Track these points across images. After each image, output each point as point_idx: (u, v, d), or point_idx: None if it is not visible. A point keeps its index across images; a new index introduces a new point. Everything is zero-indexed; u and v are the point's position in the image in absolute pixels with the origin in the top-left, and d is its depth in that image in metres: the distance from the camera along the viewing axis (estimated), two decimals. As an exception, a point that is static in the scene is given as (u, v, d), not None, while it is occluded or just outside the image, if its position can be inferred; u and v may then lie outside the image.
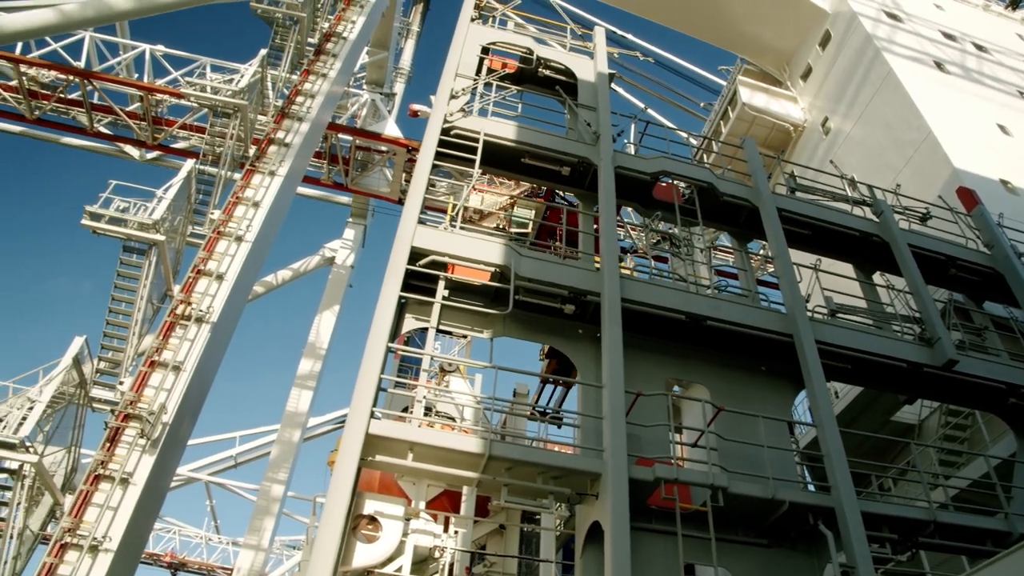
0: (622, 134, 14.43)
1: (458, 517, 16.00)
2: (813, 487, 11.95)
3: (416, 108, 29.58)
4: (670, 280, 12.67)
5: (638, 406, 10.11)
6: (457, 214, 11.97)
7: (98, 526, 11.61)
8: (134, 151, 28.20)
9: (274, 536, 26.43)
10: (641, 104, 33.35)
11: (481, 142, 12.64)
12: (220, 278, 15.18)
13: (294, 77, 21.15)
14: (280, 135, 18.51)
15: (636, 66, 33.18)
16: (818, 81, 27.23)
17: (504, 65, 15.24)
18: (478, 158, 12.43)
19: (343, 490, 8.37)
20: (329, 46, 22.16)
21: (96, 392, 16.30)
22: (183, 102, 23.36)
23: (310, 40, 22.78)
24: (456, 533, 15.45)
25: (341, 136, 26.68)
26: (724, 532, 9.56)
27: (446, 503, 17.06)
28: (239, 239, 15.91)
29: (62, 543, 11.39)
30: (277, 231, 17.85)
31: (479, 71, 14.70)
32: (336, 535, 8.09)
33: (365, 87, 31.31)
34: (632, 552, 8.49)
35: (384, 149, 27.27)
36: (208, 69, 23.49)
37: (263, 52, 20.96)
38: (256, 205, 16.67)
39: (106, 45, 25.16)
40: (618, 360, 10.24)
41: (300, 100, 19.79)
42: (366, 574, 10.80)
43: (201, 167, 18.67)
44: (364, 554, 10.59)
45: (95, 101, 24.64)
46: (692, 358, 11.78)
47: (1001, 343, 14.21)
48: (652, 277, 12.43)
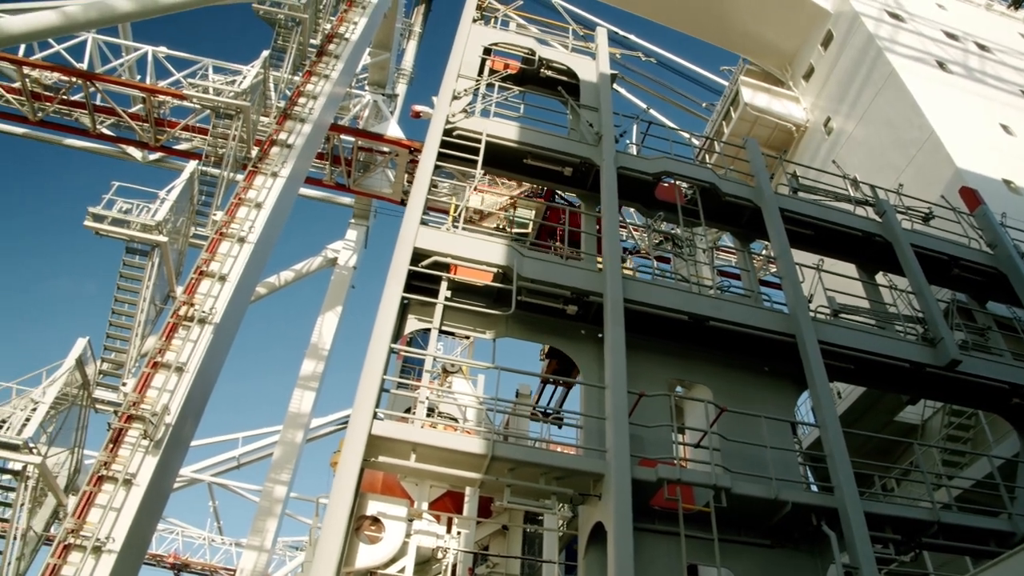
0: (624, 135, 14.41)
1: (461, 518, 16.01)
2: (816, 488, 11.92)
3: (418, 109, 29.64)
4: (672, 280, 12.66)
5: (641, 407, 10.11)
6: (459, 215, 11.97)
7: (101, 527, 11.64)
8: (136, 152, 28.25)
9: (277, 537, 26.43)
10: (643, 104, 33.41)
11: (483, 143, 12.63)
12: (223, 279, 15.22)
13: (296, 78, 21.20)
14: (282, 136, 18.55)
15: (638, 66, 33.21)
16: (820, 81, 27.21)
17: (506, 66, 15.24)
18: (480, 159, 12.42)
19: (346, 491, 8.38)
20: (331, 47, 22.20)
21: (99, 393, 16.33)
22: (185, 103, 23.42)
23: (312, 41, 22.83)
24: (459, 534, 15.47)
25: (343, 137, 26.71)
26: (727, 533, 9.55)
27: (449, 504, 17.07)
28: (242, 240, 15.94)
29: (65, 544, 11.43)
30: (279, 232, 17.88)
31: (481, 72, 14.70)
32: (339, 536, 8.10)
33: (367, 88, 31.35)
34: (635, 553, 8.48)
35: (386, 150, 27.30)
36: (210, 70, 23.54)
37: (265, 53, 21.00)
38: (258, 206, 16.71)
39: (109, 47, 25.20)
40: (621, 361, 10.24)
41: (302, 101, 19.83)
42: (369, 575, 10.80)
43: (203, 168, 18.70)
44: (367, 555, 10.58)
45: (98, 103, 24.72)
46: (695, 358, 11.77)
47: (1004, 343, 14.18)
48: (654, 277, 12.42)
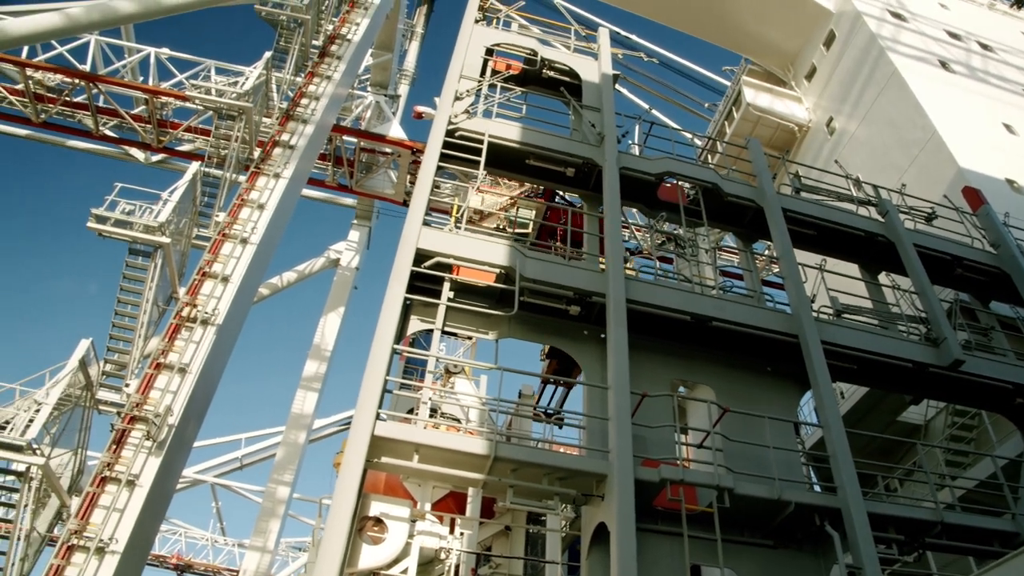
0: (626, 135, 14.41)
1: (464, 518, 16.02)
2: (819, 488, 11.92)
3: (420, 110, 29.67)
4: (675, 281, 12.65)
5: (643, 407, 10.10)
6: (462, 216, 11.97)
7: (104, 528, 11.65)
8: (139, 154, 28.29)
9: (280, 538, 26.46)
10: (645, 105, 33.44)
11: (486, 144, 12.63)
12: (225, 280, 15.23)
13: (298, 79, 21.22)
14: (285, 137, 18.56)
15: (640, 67, 33.24)
16: (822, 81, 27.18)
17: (508, 66, 15.24)
18: (483, 159, 12.42)
19: (349, 492, 8.38)
20: (333, 48, 22.22)
21: (102, 394, 16.33)
22: (188, 105, 23.43)
23: (314, 42, 22.85)
24: (462, 534, 15.47)
25: (345, 138, 26.71)
26: (730, 533, 9.55)
27: (452, 504, 17.08)
28: (244, 241, 15.96)
29: (69, 545, 11.43)
30: (282, 233, 17.89)
31: (483, 72, 14.70)
32: (342, 537, 8.11)
33: (369, 89, 31.37)
34: (638, 553, 8.47)
35: (388, 151, 27.31)
36: (213, 72, 23.58)
37: (267, 55, 21.01)
38: (261, 207, 16.72)
39: (111, 48, 25.26)
40: (623, 361, 10.23)
41: (304, 102, 19.85)
42: (372, 576, 10.81)
43: (206, 169, 18.71)
44: (370, 556, 10.57)
45: (100, 104, 24.75)
46: (697, 359, 11.77)
47: (1007, 343, 14.17)
48: (657, 278, 12.42)
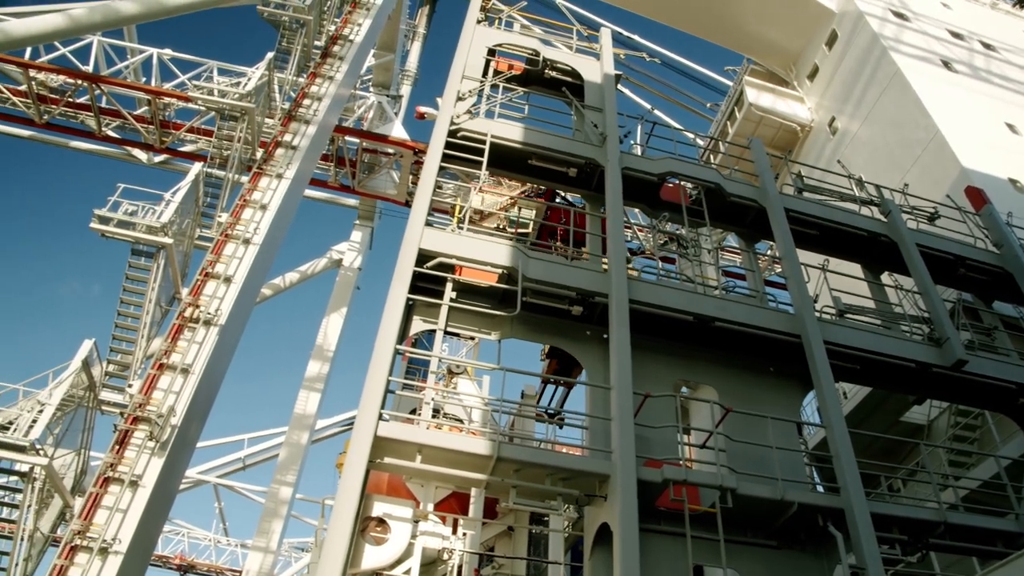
0: (629, 135, 14.42)
1: (467, 519, 16.01)
2: (822, 488, 11.90)
3: (423, 110, 29.67)
4: (677, 281, 12.65)
5: (646, 407, 10.10)
6: (464, 216, 11.97)
7: (108, 528, 11.67)
8: (142, 154, 28.32)
9: (282, 538, 26.48)
10: (647, 105, 33.43)
11: (488, 144, 12.63)
12: (228, 281, 15.25)
13: (301, 80, 21.22)
14: (287, 138, 18.57)
15: (642, 67, 33.26)
16: (825, 81, 27.15)
17: (510, 67, 15.25)
18: (485, 160, 12.42)
19: (352, 492, 8.38)
20: (335, 49, 22.23)
21: (105, 395, 16.32)
22: (190, 105, 23.49)
23: (316, 43, 22.84)
24: (465, 535, 15.45)
25: (348, 138, 26.73)
26: (733, 533, 9.53)
27: (454, 505, 17.07)
28: (247, 242, 15.97)
29: (72, 545, 11.44)
30: (284, 234, 17.90)
31: (485, 73, 14.71)
32: (345, 537, 8.11)
33: (372, 89, 31.38)
34: (641, 554, 8.47)
35: (391, 151, 27.33)
36: (215, 72, 23.64)
37: (270, 55, 21.02)
38: (263, 208, 16.73)
39: (114, 49, 25.32)
40: (626, 361, 10.23)
41: (307, 103, 19.86)
42: (375, 576, 10.81)
43: (209, 170, 18.71)
44: (373, 556, 10.58)
45: (103, 105, 24.79)
46: (700, 359, 11.76)
47: (1011, 343, 14.14)
48: (660, 278, 12.41)
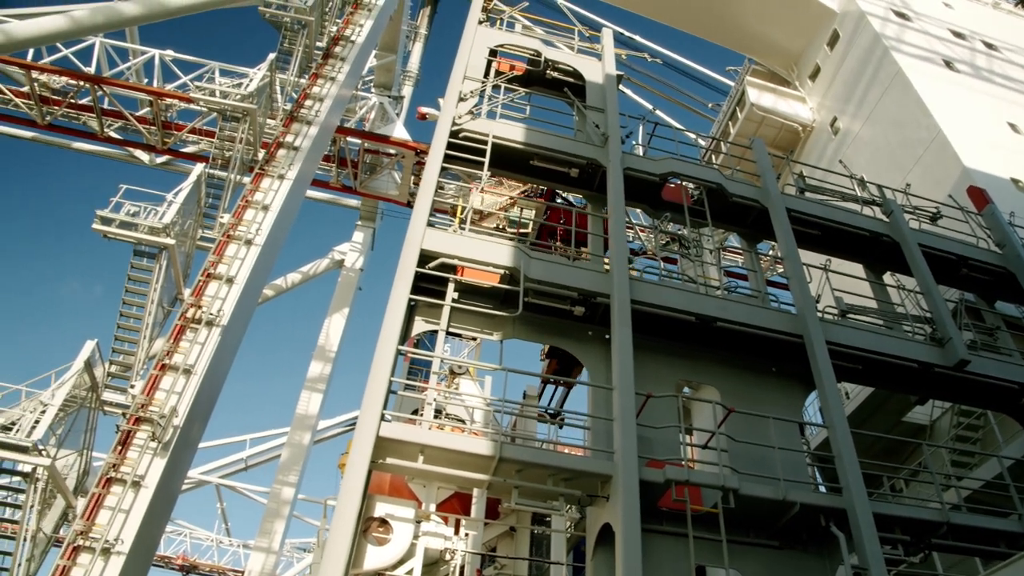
0: (630, 135, 14.43)
1: (469, 519, 16.00)
2: (824, 488, 11.90)
3: (424, 111, 29.64)
4: (679, 281, 12.64)
5: (648, 408, 10.09)
6: (466, 217, 11.98)
7: (110, 529, 11.68)
8: (144, 155, 28.35)
9: (285, 539, 26.47)
10: (649, 105, 33.43)
11: (490, 144, 12.63)
12: (230, 281, 15.25)
13: (303, 81, 21.23)
14: (289, 139, 18.58)
15: (644, 67, 33.27)
16: (826, 81, 27.14)
17: (512, 67, 15.26)
18: (487, 160, 12.42)
19: (354, 493, 8.38)
20: (337, 50, 22.24)
21: (107, 395, 16.34)
22: (192, 106, 23.49)
23: (318, 44, 22.86)
24: (467, 535, 15.45)
25: (350, 139, 26.75)
26: (735, 534, 9.53)
27: (456, 505, 17.06)
28: (249, 242, 15.98)
29: (75, 546, 11.46)
30: (286, 234, 17.91)
31: (487, 74, 14.71)
32: (347, 538, 8.10)
33: (373, 90, 31.38)
34: (643, 554, 8.47)
35: (393, 152, 27.33)
36: (217, 73, 23.67)
37: (272, 56, 21.03)
38: (265, 208, 16.74)
39: (116, 50, 25.34)
40: (628, 362, 10.23)
41: (309, 104, 19.86)
42: (377, 576, 10.81)
43: (211, 171, 18.72)
44: (375, 556, 10.59)
45: (105, 106, 24.82)
46: (702, 359, 11.75)
47: (1013, 343, 14.12)
48: (661, 278, 12.41)
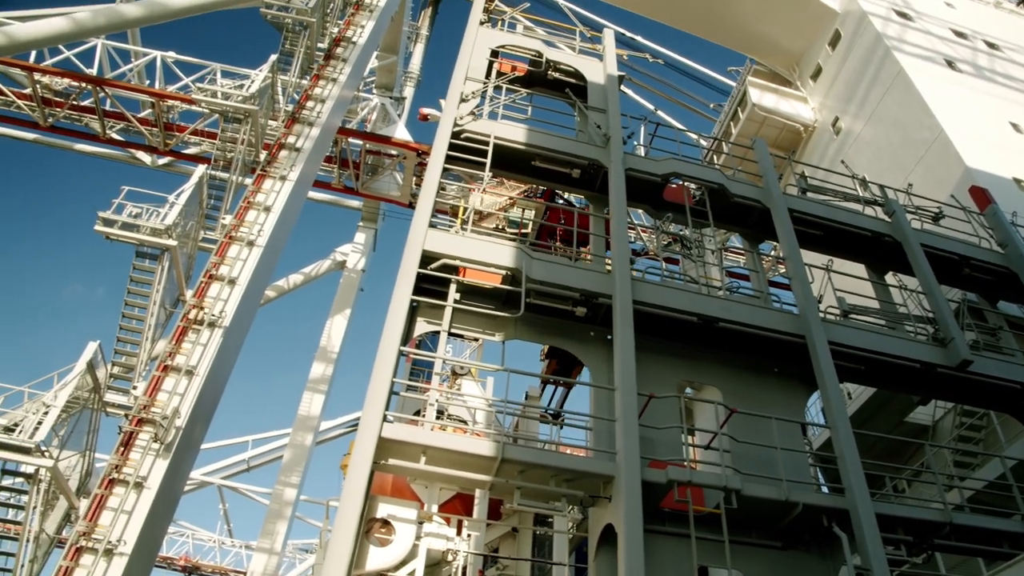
0: (632, 136, 14.43)
1: (471, 520, 15.99)
2: (827, 489, 11.89)
3: (426, 112, 29.65)
4: (681, 282, 12.63)
5: (650, 408, 10.09)
6: (468, 217, 11.98)
7: (113, 530, 11.69)
8: (146, 157, 28.41)
9: (287, 540, 26.53)
10: (651, 106, 33.41)
11: (491, 145, 12.63)
12: (232, 283, 15.26)
13: (304, 82, 21.24)
14: (291, 140, 18.58)
15: (645, 68, 33.26)
16: (828, 81, 27.12)
17: (513, 68, 15.27)
18: (488, 161, 12.41)
19: (356, 493, 8.38)
20: (339, 51, 22.24)
21: (110, 397, 16.36)
22: (194, 108, 23.55)
23: (320, 45, 22.85)
24: (469, 536, 15.46)
25: (351, 140, 26.77)
26: (738, 534, 9.52)
27: (459, 506, 17.05)
28: (251, 244, 15.99)
29: (77, 547, 11.47)
30: (288, 235, 17.91)
31: (489, 74, 14.72)
32: (349, 539, 8.11)
33: (375, 91, 31.40)
34: (645, 555, 8.46)
35: (394, 153, 27.35)
36: (219, 75, 23.70)
37: (273, 57, 21.05)
38: (267, 210, 16.75)
39: (118, 52, 25.39)
40: (630, 362, 10.22)
41: (310, 105, 19.87)
42: (379, 577, 10.83)
43: (212, 172, 18.73)
44: (377, 557, 10.62)
45: (107, 108, 24.88)
46: (704, 360, 11.75)
47: (1016, 343, 14.10)
48: (663, 279, 12.41)
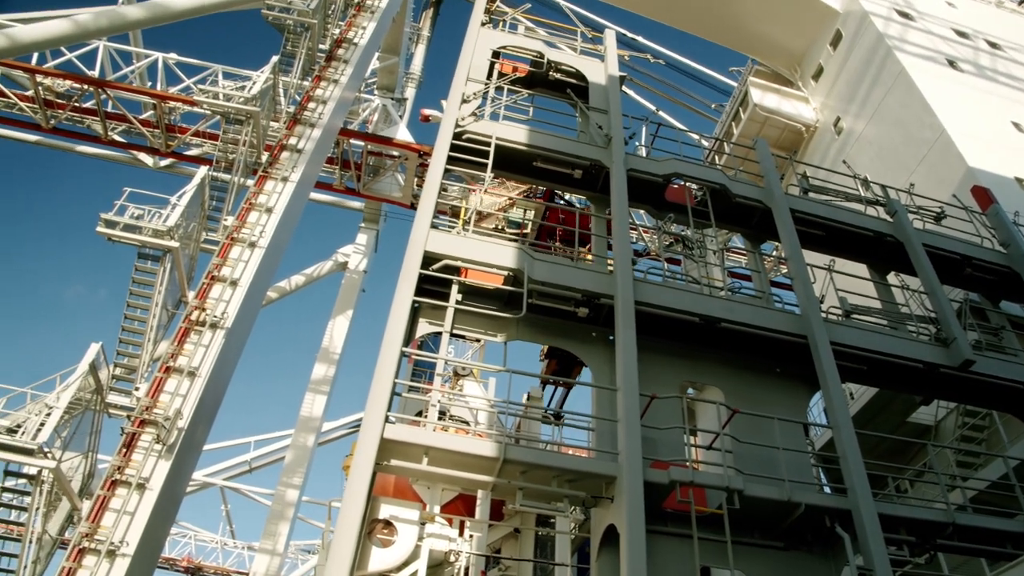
0: (633, 136, 14.41)
1: (473, 521, 15.98)
2: (829, 489, 11.88)
3: (427, 113, 29.67)
4: (683, 282, 12.63)
5: (652, 409, 10.09)
6: (470, 218, 11.99)
7: (115, 531, 11.70)
8: (148, 158, 28.44)
9: (289, 540, 26.49)
10: (652, 106, 33.41)
11: (493, 146, 12.63)
12: (234, 284, 15.27)
13: (306, 83, 21.26)
14: (292, 141, 18.60)
15: (647, 68, 33.24)
16: (830, 81, 27.11)
17: (515, 69, 15.27)
18: (490, 162, 12.42)
19: (358, 494, 8.39)
20: (340, 52, 22.27)
21: (112, 398, 16.38)
22: (196, 109, 23.62)
23: (321, 46, 22.88)
24: (471, 537, 15.44)
25: (353, 141, 26.81)
26: (740, 535, 9.51)
27: (461, 507, 17.04)
28: (252, 245, 16.00)
29: (80, 548, 11.48)
30: (290, 237, 17.93)
31: (490, 75, 14.73)
32: (352, 539, 8.11)
33: (376, 92, 31.43)
34: (648, 555, 8.46)
35: (396, 154, 27.39)
36: (220, 76, 23.74)
37: (275, 59, 21.07)
38: (269, 211, 16.77)
39: (120, 54, 25.44)
40: (632, 363, 10.22)
41: (312, 106, 19.89)
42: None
43: (214, 174, 18.76)
44: (380, 558, 10.62)
45: (109, 109, 24.94)
46: (706, 360, 11.74)
47: (1018, 342, 14.08)
48: (665, 279, 12.41)
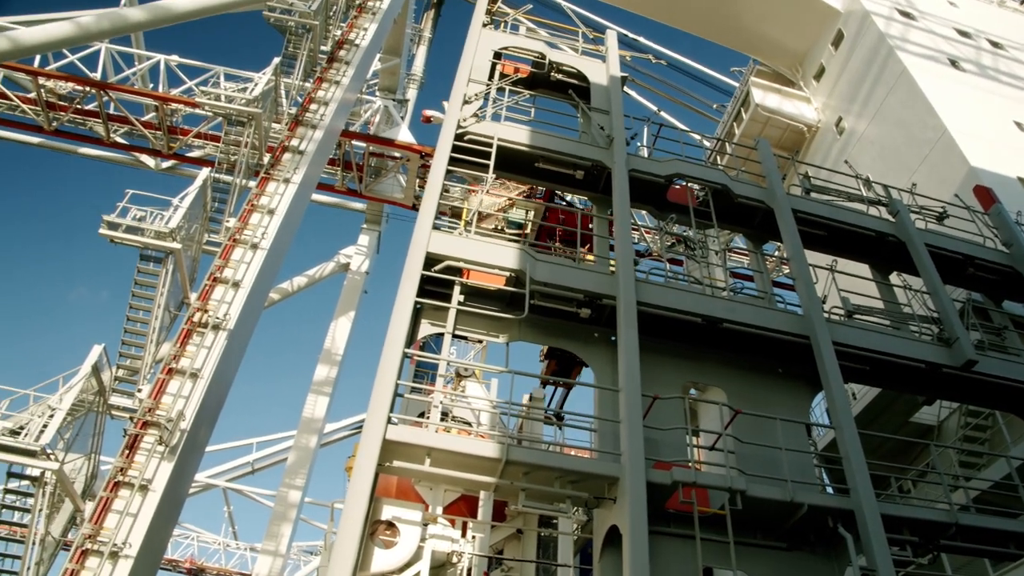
0: (635, 137, 14.43)
1: (475, 522, 15.98)
2: (832, 490, 11.86)
3: (429, 114, 29.68)
4: (685, 283, 12.63)
5: (655, 409, 10.09)
6: (472, 219, 11.99)
7: (118, 532, 11.70)
8: (150, 160, 28.45)
9: (292, 542, 26.51)
10: (654, 107, 33.38)
11: (495, 147, 12.64)
12: (236, 285, 15.28)
13: (307, 85, 21.28)
14: (294, 143, 18.62)
15: (648, 69, 33.23)
16: (831, 81, 27.09)
17: (516, 70, 15.28)
18: (492, 163, 12.43)
19: (361, 496, 8.39)
20: (342, 53, 22.29)
21: (115, 400, 16.38)
22: (198, 111, 23.63)
23: (323, 48, 22.89)
24: (473, 538, 15.42)
25: (355, 143, 26.82)
26: (742, 535, 9.51)
27: (463, 508, 17.05)
28: (254, 246, 16.01)
29: (83, 549, 11.48)
30: (292, 238, 17.93)
31: (491, 76, 14.74)
32: (354, 541, 8.12)
33: (378, 94, 31.45)
34: (650, 556, 8.46)
35: (397, 155, 27.40)
36: (222, 78, 23.77)
37: (276, 60, 21.06)
38: (271, 212, 16.77)
39: (121, 56, 25.50)
40: (634, 363, 10.22)
41: (314, 108, 19.90)
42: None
43: (216, 175, 18.74)
44: (382, 560, 10.61)
45: (111, 112, 24.96)
46: (708, 361, 11.74)
47: (1021, 342, 14.07)
48: (667, 280, 12.40)
